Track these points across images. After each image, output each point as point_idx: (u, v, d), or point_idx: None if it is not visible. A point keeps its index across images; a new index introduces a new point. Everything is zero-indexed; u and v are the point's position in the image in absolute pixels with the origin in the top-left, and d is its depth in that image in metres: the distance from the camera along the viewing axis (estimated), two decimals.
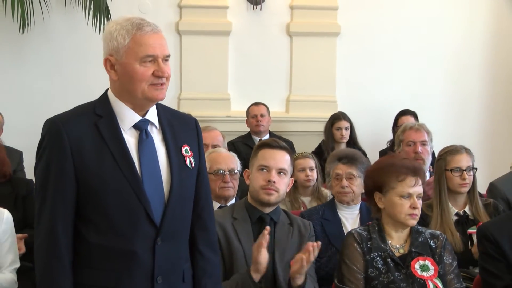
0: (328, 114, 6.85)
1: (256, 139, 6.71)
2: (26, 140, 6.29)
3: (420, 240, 3.22)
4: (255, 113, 6.81)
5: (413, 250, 3.18)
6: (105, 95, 2.48)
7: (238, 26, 7.33)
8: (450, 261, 3.25)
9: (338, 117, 6.67)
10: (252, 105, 6.89)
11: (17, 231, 3.85)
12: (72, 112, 2.47)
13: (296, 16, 7.43)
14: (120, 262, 2.38)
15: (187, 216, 2.55)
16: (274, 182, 3.26)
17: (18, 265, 3.70)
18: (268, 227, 3.08)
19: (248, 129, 6.91)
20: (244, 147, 6.53)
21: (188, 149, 2.54)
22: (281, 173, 3.31)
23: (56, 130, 2.36)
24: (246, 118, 6.90)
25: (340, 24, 7.48)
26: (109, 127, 2.40)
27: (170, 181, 2.45)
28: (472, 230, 3.88)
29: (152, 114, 2.49)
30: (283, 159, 3.34)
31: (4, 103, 6.51)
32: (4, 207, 3.76)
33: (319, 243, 3.10)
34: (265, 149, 3.36)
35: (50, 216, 2.35)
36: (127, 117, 2.43)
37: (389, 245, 3.21)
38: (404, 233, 3.26)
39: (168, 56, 2.41)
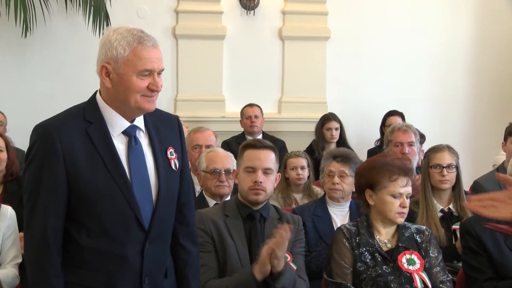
0: (318, 115, 6.87)
1: (250, 139, 6.70)
2: (28, 140, 6.30)
3: (406, 235, 3.24)
4: (249, 114, 6.81)
5: (400, 244, 3.19)
6: (93, 100, 2.45)
7: (232, 30, 7.34)
8: (436, 254, 3.26)
9: (329, 118, 6.68)
10: (246, 106, 6.90)
11: (21, 228, 3.85)
12: (62, 117, 2.43)
13: (287, 21, 7.44)
14: (111, 264, 2.38)
15: (171, 217, 2.56)
16: (260, 182, 3.25)
17: (20, 260, 3.69)
18: (284, 227, 2.98)
19: (242, 129, 6.92)
20: (237, 146, 6.46)
21: (173, 151, 2.53)
22: (267, 172, 3.30)
23: (48, 136, 2.32)
24: (240, 119, 6.91)
25: (330, 28, 7.50)
26: (99, 133, 2.37)
27: (157, 185, 2.45)
28: (456, 226, 3.88)
29: (139, 120, 2.47)
30: (268, 158, 3.31)
31: (7, 104, 6.49)
32: (11, 205, 3.78)
33: (291, 225, 3.05)
34: (250, 150, 3.34)
35: (41, 218, 2.32)
36: (117, 123, 2.41)
37: (377, 240, 3.22)
38: (392, 228, 3.27)
39: (163, 69, 2.40)
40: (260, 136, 6.78)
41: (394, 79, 7.65)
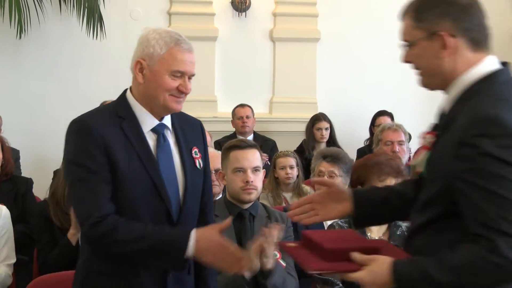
0: (309, 115, 6.86)
1: (241, 138, 6.71)
2: (22, 139, 6.27)
3: (398, 233, 3.23)
4: (241, 115, 6.80)
5: (391, 242, 3.18)
6: (124, 97, 2.48)
7: (224, 32, 7.32)
8: None
9: (319, 118, 6.68)
10: (237, 106, 6.88)
11: (15, 226, 3.82)
12: (96, 113, 2.46)
13: (278, 22, 7.43)
14: None
15: (196, 213, 2.57)
16: (252, 181, 3.25)
17: (14, 260, 3.64)
18: (274, 225, 3.00)
19: (233, 129, 6.90)
20: None
21: (197, 151, 2.56)
22: (256, 170, 3.30)
23: (87, 128, 2.33)
24: (231, 119, 6.90)
25: (320, 30, 7.49)
26: (132, 128, 2.40)
27: (184, 182, 2.47)
28: None
29: (167, 119, 2.51)
30: (254, 157, 3.32)
31: (2, 104, 6.46)
32: (5, 204, 3.73)
33: (279, 225, 3.02)
34: (236, 150, 3.32)
35: (96, 203, 2.30)
36: (147, 121, 2.44)
37: (369, 237, 3.21)
38: (383, 226, 3.26)
39: (194, 74, 2.45)
40: (251, 136, 6.78)
41: (382, 79, 7.63)
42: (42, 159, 6.62)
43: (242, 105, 6.87)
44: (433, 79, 2.13)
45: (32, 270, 3.89)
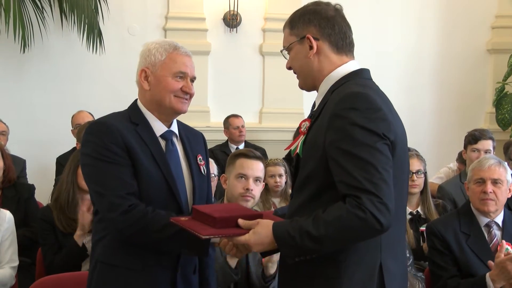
0: (296, 125, 6.73)
1: (233, 147, 6.72)
2: (26, 148, 6.24)
3: None
4: (237, 125, 6.80)
5: None
6: (135, 106, 2.51)
7: (216, 47, 7.33)
8: (407, 255, 3.26)
9: None
10: (232, 117, 6.87)
11: (18, 230, 3.79)
12: (112, 117, 2.47)
13: (267, 38, 7.44)
14: (152, 251, 2.38)
15: None
16: (251, 190, 3.26)
17: (17, 263, 3.62)
18: None
19: (225, 138, 6.90)
20: (221, 154, 6.53)
21: (201, 158, 2.59)
22: (257, 181, 3.32)
23: (107, 127, 2.35)
24: (223, 129, 6.89)
25: None
26: (146, 133, 2.43)
27: (192, 186, 2.50)
28: (424, 228, 3.90)
29: (174, 126, 2.54)
30: (259, 168, 3.35)
31: (6, 114, 6.42)
32: (8, 209, 3.71)
33: None
34: (243, 158, 3.34)
35: (119, 194, 2.31)
36: (156, 127, 2.47)
37: None
38: None
39: (195, 78, 2.50)
40: (242, 145, 6.78)
41: None
42: (44, 167, 6.58)
43: (236, 116, 6.87)
44: (306, 79, 2.30)
45: (34, 272, 3.86)
